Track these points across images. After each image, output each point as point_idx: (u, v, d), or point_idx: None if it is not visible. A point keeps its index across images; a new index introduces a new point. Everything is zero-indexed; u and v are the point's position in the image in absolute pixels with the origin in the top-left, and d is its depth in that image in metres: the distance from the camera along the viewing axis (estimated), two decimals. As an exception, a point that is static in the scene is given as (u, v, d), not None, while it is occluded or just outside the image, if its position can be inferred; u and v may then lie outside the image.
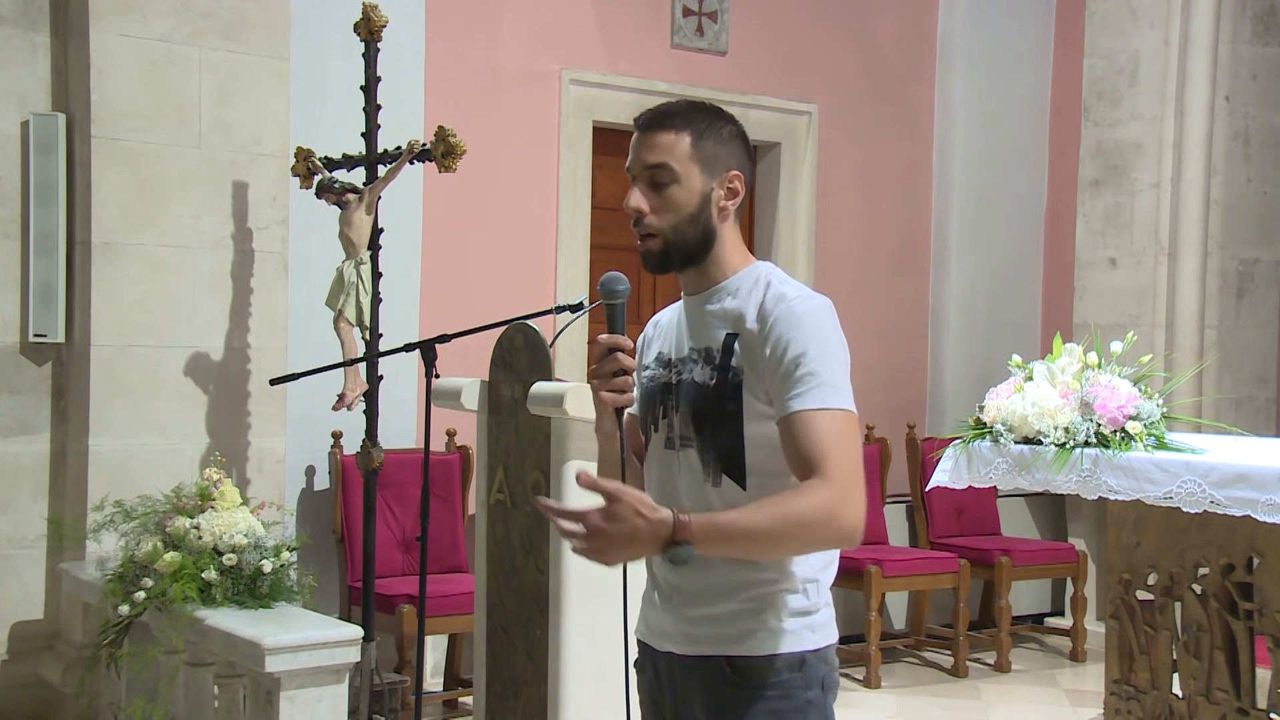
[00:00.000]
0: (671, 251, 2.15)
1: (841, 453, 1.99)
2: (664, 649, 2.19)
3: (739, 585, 2.09)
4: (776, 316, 2.07)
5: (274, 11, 4.89)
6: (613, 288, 2.13)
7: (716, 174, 2.14)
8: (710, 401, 2.11)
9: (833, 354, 2.05)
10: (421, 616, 3.82)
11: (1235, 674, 3.87)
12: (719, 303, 2.16)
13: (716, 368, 2.11)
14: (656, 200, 2.13)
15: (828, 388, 2.02)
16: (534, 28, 6.07)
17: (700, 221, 2.14)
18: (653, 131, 2.14)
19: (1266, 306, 6.58)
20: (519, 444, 3.84)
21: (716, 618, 2.10)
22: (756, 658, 2.08)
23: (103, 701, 4.32)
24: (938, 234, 7.35)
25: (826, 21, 6.90)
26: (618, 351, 2.09)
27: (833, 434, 1.99)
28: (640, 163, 2.14)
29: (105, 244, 4.59)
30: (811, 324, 2.06)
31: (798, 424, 2.01)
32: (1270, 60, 6.46)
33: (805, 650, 2.10)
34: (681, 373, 2.18)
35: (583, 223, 6.20)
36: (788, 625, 2.09)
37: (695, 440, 2.13)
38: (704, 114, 2.17)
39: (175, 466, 4.62)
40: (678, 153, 2.12)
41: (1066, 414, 3.97)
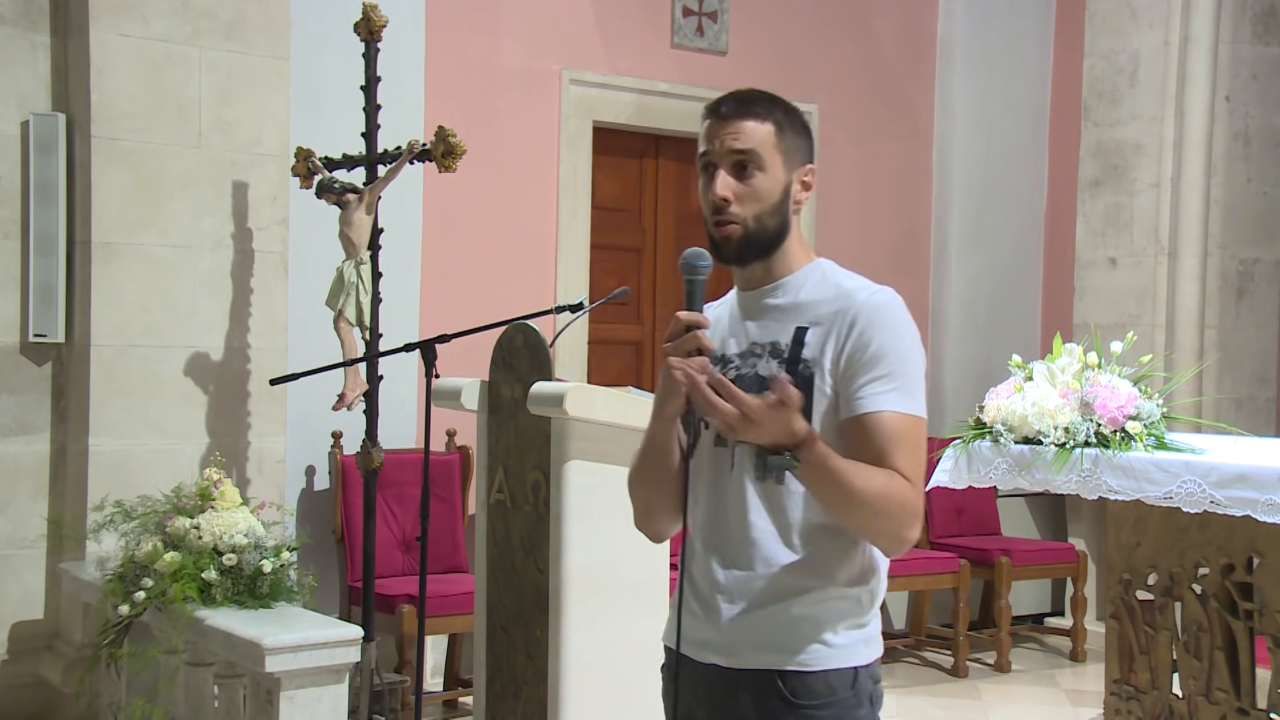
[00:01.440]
0: (752, 241, 2.08)
1: (916, 464, 1.99)
2: (706, 660, 2.08)
3: (791, 593, 2.02)
4: (859, 309, 2.02)
5: (274, 11, 4.89)
6: (694, 263, 2.02)
7: (795, 165, 2.11)
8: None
9: (913, 355, 2.04)
10: (421, 616, 3.82)
11: (1235, 674, 3.87)
12: (786, 297, 2.11)
13: (785, 361, 2.05)
14: (742, 189, 2.07)
15: (906, 391, 2.00)
16: (534, 28, 6.07)
17: (780, 213, 2.09)
18: (739, 118, 2.07)
19: (1266, 306, 6.58)
20: (519, 444, 3.84)
21: (767, 628, 2.03)
22: (810, 673, 2.01)
23: (103, 701, 4.32)
24: (938, 234, 7.35)
25: (826, 21, 6.90)
26: (697, 329, 1.97)
27: (908, 440, 1.99)
28: (725, 149, 2.07)
29: (105, 244, 4.59)
30: (893, 319, 2.03)
31: (879, 423, 1.98)
32: (1270, 60, 6.46)
33: (858, 665, 2.04)
34: (741, 368, 2.10)
35: (583, 223, 6.20)
36: (842, 639, 2.03)
37: None
38: (782, 104, 2.12)
39: (175, 466, 4.62)
40: (765, 141, 2.07)
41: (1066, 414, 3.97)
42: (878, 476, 1.95)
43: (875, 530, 2.00)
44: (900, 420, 1.98)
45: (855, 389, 1.99)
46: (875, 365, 1.99)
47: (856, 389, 1.99)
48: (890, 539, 2.01)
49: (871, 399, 1.98)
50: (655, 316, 6.62)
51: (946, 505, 6.66)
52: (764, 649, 2.03)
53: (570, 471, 3.65)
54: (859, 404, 1.99)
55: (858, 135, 7.04)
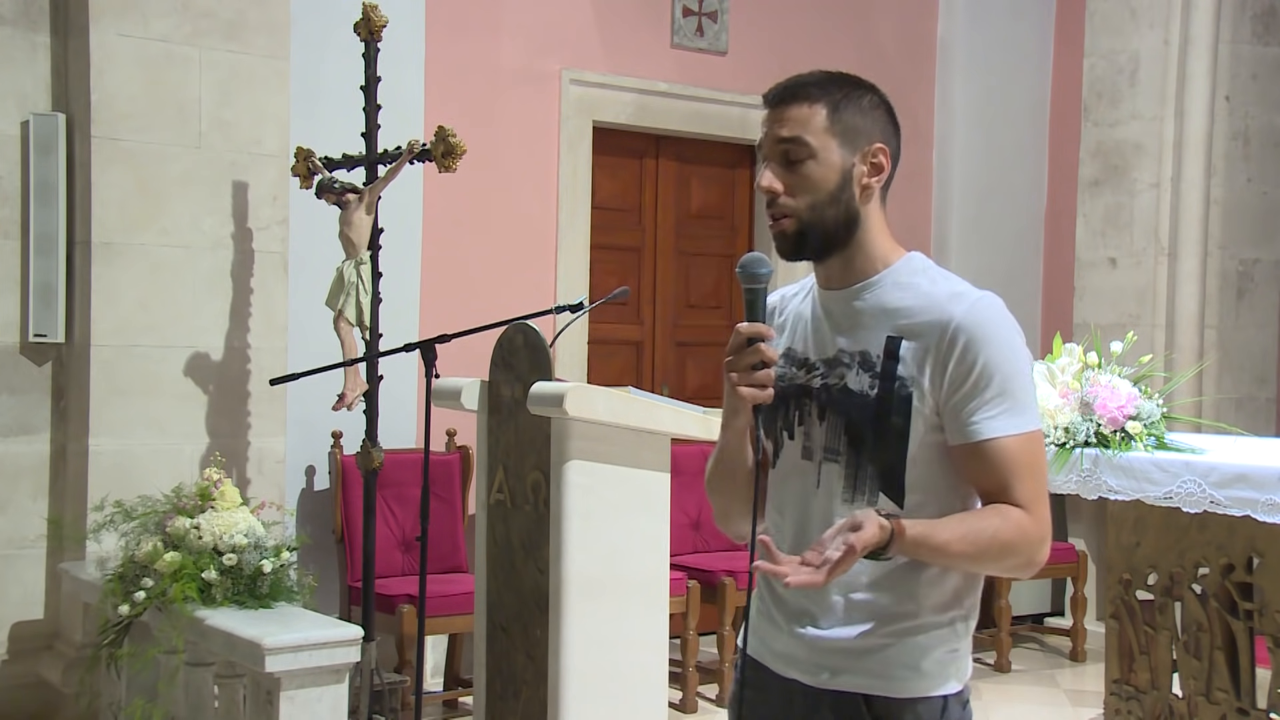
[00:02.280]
0: (809, 233, 1.93)
1: (1038, 483, 1.88)
2: (788, 675, 1.99)
3: (884, 616, 1.92)
4: (960, 321, 1.88)
5: (274, 11, 4.89)
6: (754, 270, 1.90)
7: (859, 147, 1.95)
8: (871, 414, 1.91)
9: (1022, 367, 1.90)
10: (421, 616, 3.82)
11: (1235, 674, 3.87)
12: (874, 299, 1.95)
13: (878, 375, 1.91)
14: (791, 179, 1.93)
15: (1020, 408, 1.88)
16: (534, 28, 6.06)
17: (842, 201, 1.93)
18: (785, 105, 1.95)
19: (1266, 306, 6.58)
20: (519, 444, 3.84)
21: (856, 650, 1.93)
22: (898, 700, 1.92)
23: (103, 701, 4.32)
24: (938, 234, 7.35)
25: (826, 21, 6.90)
26: (760, 342, 1.88)
27: (1026, 461, 1.87)
28: (772, 138, 1.95)
29: (105, 244, 4.59)
30: (997, 331, 1.90)
31: (993, 451, 1.87)
32: (1270, 60, 6.46)
33: (948, 694, 1.95)
34: (828, 377, 1.96)
35: (583, 223, 6.20)
36: (933, 667, 1.93)
37: (846, 454, 1.94)
38: (840, 83, 1.98)
39: (175, 466, 4.62)
40: (813, 126, 1.93)
41: (1066, 414, 3.97)
42: (987, 526, 1.86)
43: (997, 571, 1.95)
44: (1017, 444, 1.87)
45: (966, 415, 1.87)
46: (984, 387, 1.86)
47: (967, 414, 1.87)
48: (1015, 571, 1.93)
49: (985, 425, 1.87)
50: (655, 316, 6.61)
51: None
52: (852, 672, 1.94)
53: (570, 471, 3.65)
54: (972, 431, 1.87)
55: (858, 135, 7.02)
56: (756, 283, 1.90)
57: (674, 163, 6.66)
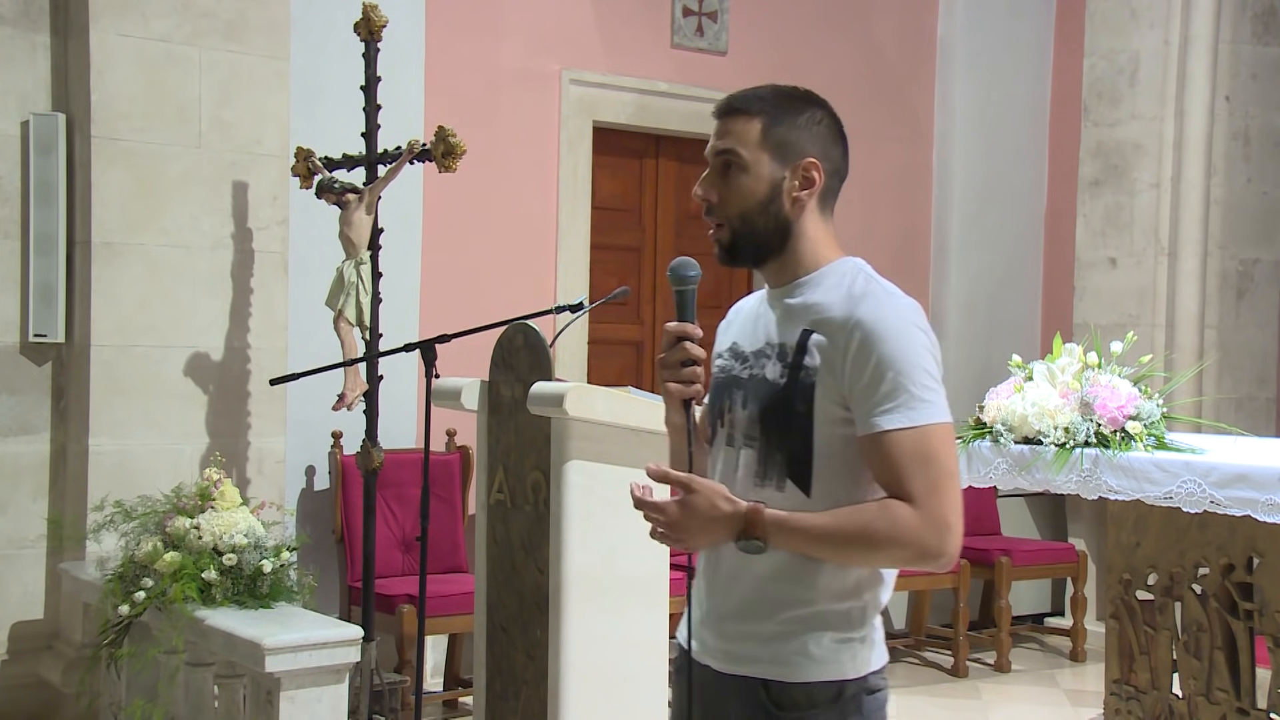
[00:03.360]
0: (740, 241, 2.05)
1: (932, 476, 1.92)
2: (702, 661, 2.10)
3: (781, 604, 2.01)
4: (859, 319, 1.96)
5: (274, 11, 4.89)
6: (682, 273, 2.03)
7: (790, 161, 2.04)
8: (779, 401, 2.00)
9: (922, 362, 1.95)
10: (421, 616, 3.82)
11: (1235, 674, 3.87)
12: (800, 297, 2.05)
13: (789, 365, 2.01)
14: (724, 188, 2.05)
15: (918, 401, 1.93)
16: (534, 28, 6.07)
17: (771, 211, 2.03)
18: (726, 117, 2.06)
19: (1266, 306, 6.58)
20: (519, 444, 3.84)
21: (755, 637, 2.02)
22: (792, 684, 2.00)
23: (103, 701, 4.32)
24: (938, 234, 7.35)
25: (826, 21, 6.90)
26: (686, 340, 2.00)
27: (922, 454, 1.92)
28: (711, 148, 2.07)
29: (105, 244, 4.59)
30: (897, 329, 1.95)
31: (885, 444, 1.93)
32: (1270, 60, 6.46)
33: (844, 679, 2.01)
34: (753, 367, 2.07)
35: (583, 223, 6.20)
36: (826, 653, 2.00)
37: (759, 440, 2.03)
38: (783, 99, 2.07)
39: (175, 466, 4.62)
40: (747, 139, 2.03)
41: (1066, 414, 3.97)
42: (856, 519, 1.93)
43: (882, 563, 2.00)
44: (905, 437, 1.92)
45: (864, 408, 1.94)
46: (878, 382, 1.93)
47: (864, 408, 1.94)
48: (908, 562, 1.97)
49: (879, 419, 1.93)
50: (655, 316, 6.61)
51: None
52: (750, 658, 2.03)
53: (570, 471, 3.65)
54: (869, 424, 1.94)
55: (858, 135, 6.94)
56: (685, 284, 2.03)
57: (674, 163, 6.66)
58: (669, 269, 2.04)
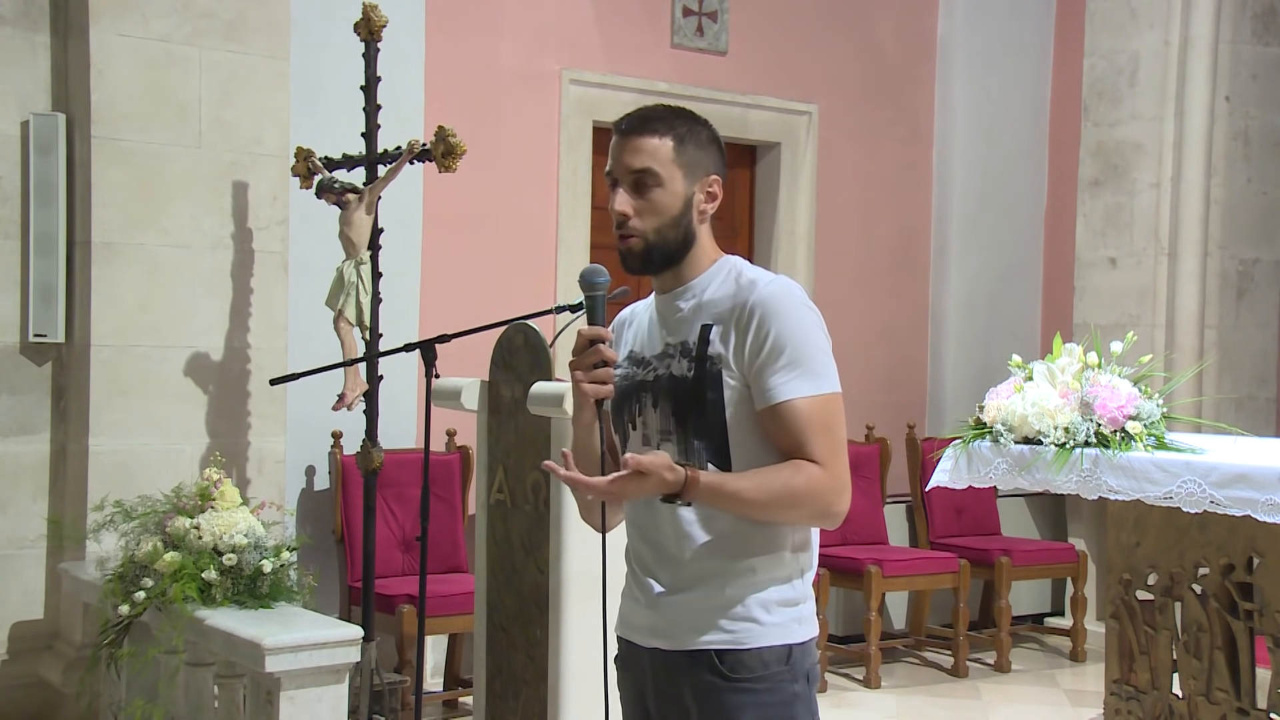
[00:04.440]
0: (653, 253, 2.19)
1: (832, 440, 2.10)
2: (649, 645, 2.20)
3: (722, 577, 2.13)
4: (751, 304, 2.11)
5: (274, 11, 4.89)
6: (592, 280, 2.16)
7: (697, 178, 2.19)
8: (690, 392, 2.15)
9: (809, 336, 2.11)
10: (421, 616, 3.82)
11: (1235, 674, 3.87)
12: (693, 298, 2.20)
13: (694, 359, 2.15)
14: (640, 204, 2.17)
15: (808, 373, 2.09)
16: (534, 28, 6.07)
17: (682, 225, 2.19)
18: (635, 136, 2.18)
19: (1266, 306, 6.58)
20: (519, 444, 3.84)
21: (702, 610, 2.14)
22: (745, 651, 2.12)
23: (103, 701, 4.32)
24: (938, 234, 7.35)
25: (826, 21, 6.90)
26: (599, 343, 2.11)
27: (816, 421, 2.08)
28: (624, 167, 2.18)
29: (105, 244, 4.59)
30: (785, 307, 2.11)
31: (786, 412, 2.08)
32: (1270, 60, 6.46)
33: (792, 643, 2.14)
34: (657, 369, 2.21)
35: (583, 223, 6.20)
36: (775, 618, 2.13)
37: (676, 433, 2.17)
38: (683, 119, 2.21)
39: (175, 466, 4.62)
40: (661, 157, 2.16)
41: (1066, 414, 3.97)
42: (779, 477, 2.07)
43: (794, 520, 2.13)
44: (808, 405, 2.08)
45: (762, 381, 2.09)
46: (777, 355, 2.08)
47: (763, 381, 2.09)
48: (813, 520, 2.14)
49: (777, 389, 2.08)
50: (655, 316, 6.61)
51: (946, 505, 6.66)
52: (701, 630, 2.13)
53: (570, 471, 3.64)
54: (767, 395, 2.09)
55: (858, 135, 7.03)
56: (595, 290, 2.16)
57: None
58: (580, 276, 2.18)
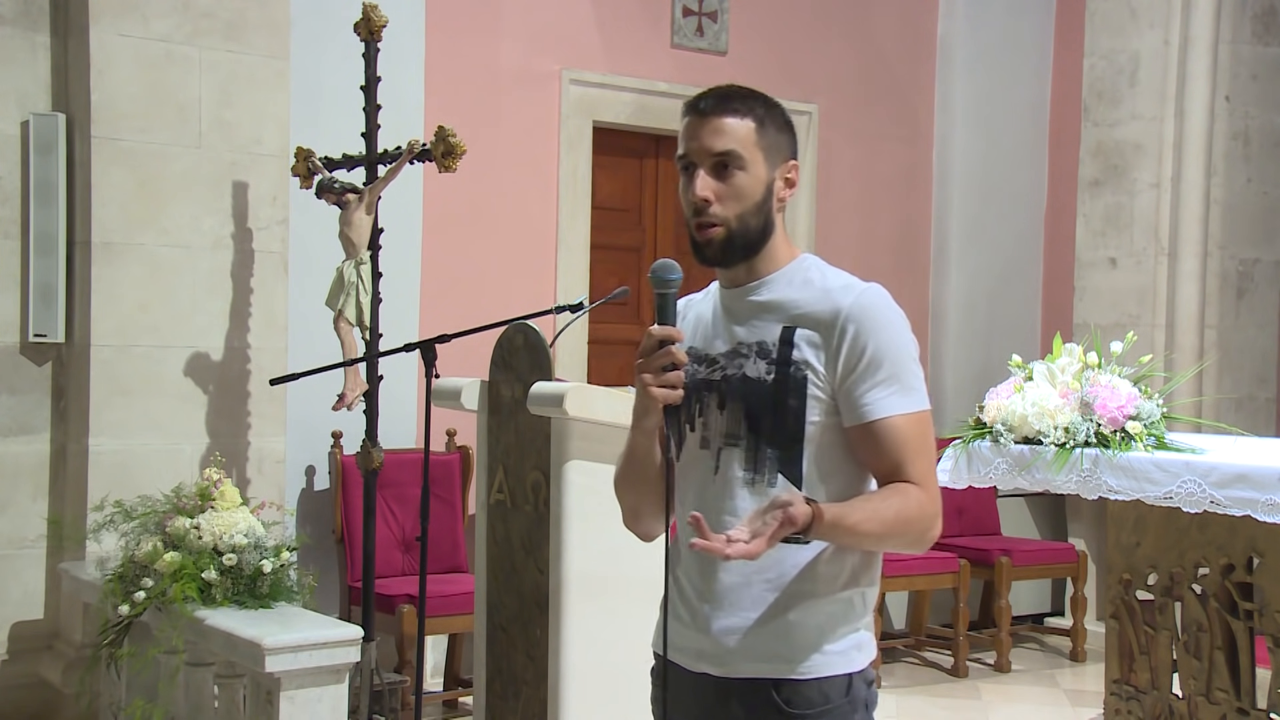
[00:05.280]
0: (735, 241, 2.03)
1: (928, 460, 2.01)
2: (698, 669, 2.06)
3: (784, 600, 1.99)
4: (846, 312, 1.98)
5: (274, 11, 4.89)
6: (664, 276, 1.98)
7: (777, 163, 2.07)
8: (769, 397, 2.00)
9: (907, 350, 2.01)
10: (421, 616, 3.82)
11: (1235, 674, 3.87)
12: (770, 294, 2.06)
13: (774, 362, 2.01)
14: (722, 188, 2.02)
15: (908, 389, 1.98)
16: (534, 28, 6.07)
17: (763, 212, 2.05)
18: (717, 116, 2.03)
19: (1266, 306, 6.58)
20: (519, 444, 3.84)
21: (761, 637, 2.00)
22: (805, 682, 1.99)
23: (103, 701, 4.32)
24: (938, 234, 7.35)
25: (826, 21, 6.90)
26: (670, 345, 1.96)
27: (915, 439, 1.99)
28: (704, 149, 2.03)
29: (105, 244, 4.59)
30: (884, 318, 2.00)
31: (883, 430, 1.97)
32: (1270, 60, 6.46)
33: (852, 672, 2.02)
34: (726, 368, 2.06)
35: (583, 223, 6.20)
36: (836, 646, 2.00)
37: (746, 438, 2.02)
38: (761, 100, 2.08)
39: (175, 466, 4.62)
40: (743, 139, 2.03)
41: (1066, 414, 3.97)
42: (890, 505, 1.96)
43: (895, 548, 2.03)
44: (907, 422, 1.98)
45: (858, 396, 1.97)
46: (874, 370, 1.97)
47: (859, 396, 1.97)
48: (910, 546, 2.03)
49: (876, 405, 1.97)
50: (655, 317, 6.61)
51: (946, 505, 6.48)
52: (758, 658, 2.00)
53: (570, 471, 3.65)
54: (865, 411, 1.97)
55: (858, 135, 7.03)
56: (667, 288, 1.98)
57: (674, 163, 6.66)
58: (650, 271, 1.99)
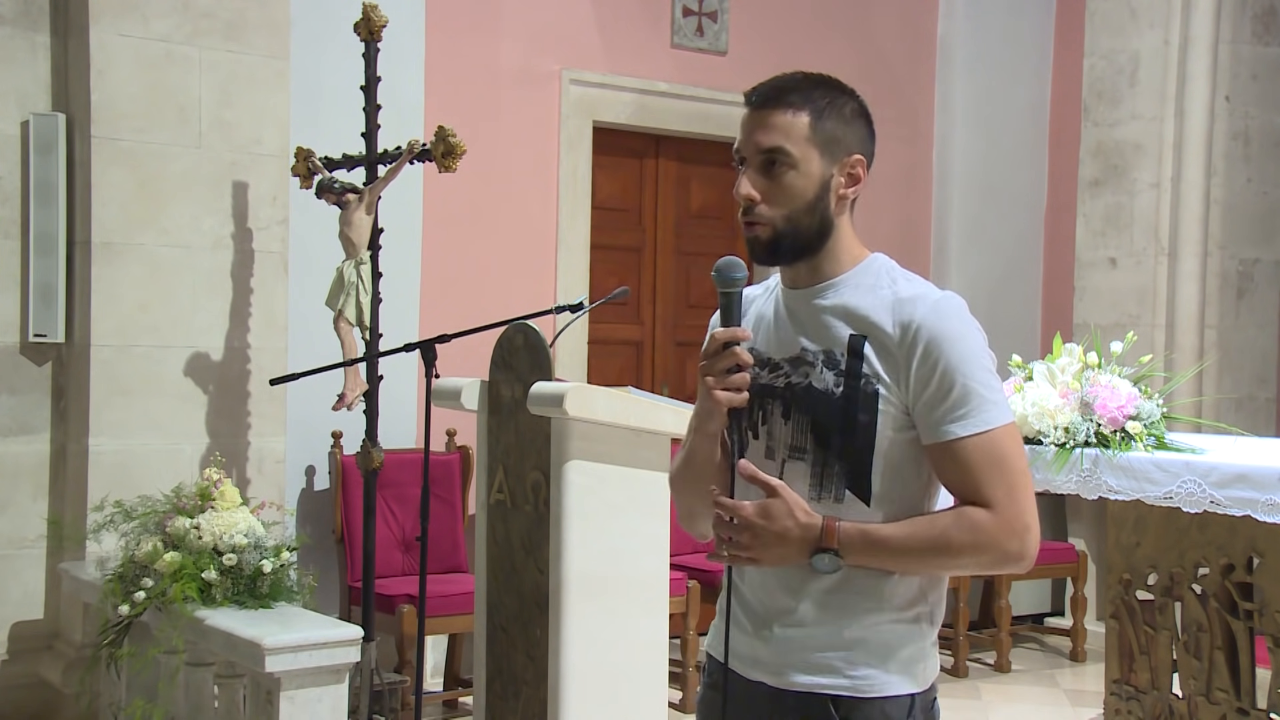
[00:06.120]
0: (782, 242, 1.93)
1: (1008, 477, 1.86)
2: (753, 677, 1.97)
3: (849, 616, 1.91)
4: (920, 324, 1.87)
5: (274, 11, 4.89)
6: (729, 275, 1.89)
7: (838, 158, 1.95)
8: (838, 411, 1.90)
9: (984, 362, 1.89)
10: (421, 616, 3.82)
11: (1235, 674, 3.87)
12: (837, 298, 1.94)
13: (844, 373, 1.90)
14: (770, 187, 1.91)
15: (987, 404, 1.86)
16: (534, 28, 6.07)
17: (818, 211, 1.93)
18: (768, 110, 1.92)
19: (1266, 306, 6.58)
20: (519, 444, 3.84)
21: (820, 650, 1.92)
22: (865, 700, 1.90)
23: (103, 701, 4.32)
24: (938, 234, 7.35)
25: (826, 21, 6.90)
26: (734, 346, 1.87)
27: (995, 458, 1.86)
28: (753, 145, 1.92)
29: (105, 244, 4.59)
30: (960, 331, 1.88)
31: (958, 451, 1.86)
32: (1270, 60, 6.46)
33: (914, 693, 1.94)
34: (792, 376, 1.95)
35: (583, 223, 6.20)
36: (900, 666, 1.92)
37: (813, 452, 1.92)
38: (825, 89, 1.96)
39: (175, 466, 4.62)
40: (795, 134, 1.91)
41: (1066, 414, 3.97)
42: (935, 526, 1.87)
43: (965, 571, 1.96)
44: (982, 442, 1.86)
45: (933, 416, 1.87)
46: (949, 389, 1.86)
47: (934, 416, 1.87)
48: (990, 568, 1.93)
49: (951, 426, 1.86)
50: (655, 316, 6.62)
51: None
52: (817, 671, 1.92)
53: (570, 471, 3.65)
54: (940, 432, 1.87)
55: (858, 135, 7.02)
56: (732, 286, 1.90)
57: (674, 163, 6.66)
58: (715, 269, 1.90)
